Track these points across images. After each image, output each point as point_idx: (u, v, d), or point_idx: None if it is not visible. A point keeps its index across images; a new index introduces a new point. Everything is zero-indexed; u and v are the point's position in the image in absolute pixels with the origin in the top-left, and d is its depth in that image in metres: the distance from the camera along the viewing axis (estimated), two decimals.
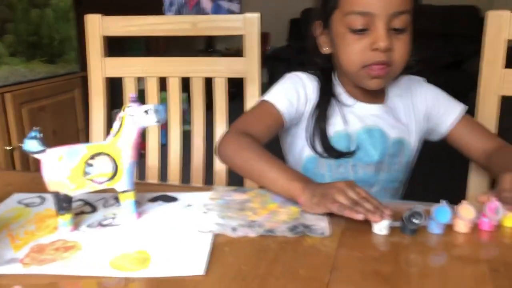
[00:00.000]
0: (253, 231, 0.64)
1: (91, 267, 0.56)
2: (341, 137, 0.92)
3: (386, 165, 0.94)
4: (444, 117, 0.94)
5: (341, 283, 0.53)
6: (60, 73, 2.25)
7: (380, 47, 0.81)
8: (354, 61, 0.85)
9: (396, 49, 0.83)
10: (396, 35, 0.83)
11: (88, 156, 0.63)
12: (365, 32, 0.82)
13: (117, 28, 1.16)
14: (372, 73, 0.85)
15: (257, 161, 0.78)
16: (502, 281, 0.53)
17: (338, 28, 0.86)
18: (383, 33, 0.80)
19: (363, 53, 0.84)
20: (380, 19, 0.80)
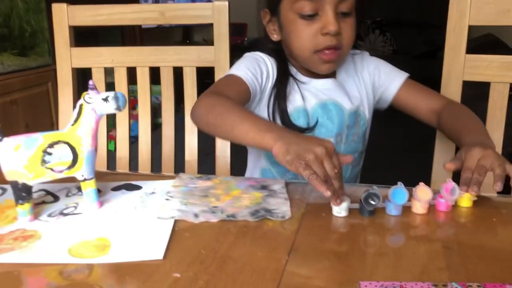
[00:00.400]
0: (215, 216, 0.65)
1: (49, 255, 0.56)
2: (300, 113, 0.94)
3: (345, 137, 0.97)
4: (388, 84, 0.99)
5: (298, 264, 0.54)
6: (32, 66, 2.22)
7: (331, 31, 0.84)
8: (306, 46, 0.88)
9: (344, 32, 0.87)
10: (343, 18, 0.86)
11: (45, 145, 0.63)
12: (315, 17, 0.85)
13: (84, 18, 1.14)
14: (324, 57, 0.88)
15: (229, 115, 0.76)
16: (455, 258, 0.55)
17: (288, 15, 0.88)
18: (332, 18, 0.84)
19: (314, 38, 0.86)
20: (329, 4, 0.84)
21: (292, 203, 0.70)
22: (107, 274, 0.53)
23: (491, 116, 0.96)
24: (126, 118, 1.14)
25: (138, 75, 1.15)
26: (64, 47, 1.15)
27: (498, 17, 0.94)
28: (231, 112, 0.76)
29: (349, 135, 0.98)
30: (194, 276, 0.51)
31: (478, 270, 0.52)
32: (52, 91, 2.24)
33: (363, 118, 1.00)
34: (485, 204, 0.70)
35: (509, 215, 0.67)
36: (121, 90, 1.14)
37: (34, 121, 2.14)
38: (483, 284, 0.48)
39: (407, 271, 0.52)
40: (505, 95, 0.95)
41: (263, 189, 0.75)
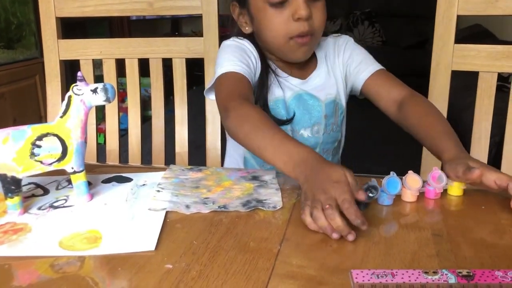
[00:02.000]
0: (207, 207, 0.65)
1: (40, 248, 0.56)
2: (279, 103, 0.94)
3: (323, 127, 0.97)
4: (358, 73, 0.97)
5: (289, 253, 0.54)
6: (19, 58, 2.19)
7: (302, 16, 0.83)
8: (279, 34, 0.87)
9: (315, 17, 0.87)
10: (313, 3, 0.86)
11: (33, 138, 0.62)
12: (284, 4, 0.85)
13: (71, 9, 1.13)
14: (299, 41, 0.87)
15: (255, 136, 0.74)
16: (444, 244, 0.56)
17: (257, 4, 0.88)
18: (302, 2, 0.83)
19: (286, 24, 0.86)
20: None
21: (283, 193, 0.70)
22: (98, 266, 0.53)
23: (479, 105, 0.97)
24: (116, 110, 1.14)
25: (127, 67, 1.14)
26: (52, 39, 1.14)
27: (486, 7, 0.94)
28: (256, 134, 0.74)
29: (328, 125, 0.97)
30: (186, 267, 0.51)
31: (468, 257, 0.53)
32: (40, 84, 2.21)
33: (341, 107, 0.99)
34: (474, 192, 0.71)
35: (497, 203, 0.68)
36: (109, 82, 1.14)
37: (22, 115, 2.12)
38: (472, 271, 0.49)
39: (397, 258, 0.53)
40: (493, 84, 0.96)
41: (254, 179, 0.75)
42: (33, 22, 2.26)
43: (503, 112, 0.96)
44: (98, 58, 1.14)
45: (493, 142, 1.19)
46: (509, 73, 0.95)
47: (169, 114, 1.12)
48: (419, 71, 1.93)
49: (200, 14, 1.09)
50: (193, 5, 1.10)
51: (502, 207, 0.66)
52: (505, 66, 0.95)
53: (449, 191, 0.69)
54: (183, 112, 1.12)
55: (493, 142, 1.12)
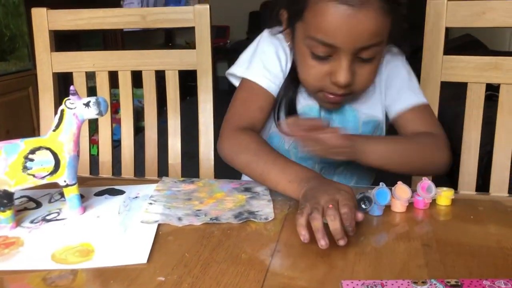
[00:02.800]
0: (199, 219, 0.65)
1: (32, 262, 0.56)
2: (311, 110, 0.86)
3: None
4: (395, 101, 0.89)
5: (281, 265, 0.55)
6: (12, 70, 2.19)
7: (340, 83, 0.74)
8: (312, 84, 0.80)
9: (358, 78, 0.76)
10: (362, 63, 0.75)
11: (26, 151, 0.63)
12: (328, 58, 0.75)
13: (65, 22, 1.13)
14: (329, 98, 0.80)
15: (256, 164, 0.73)
16: (433, 255, 0.56)
17: (299, 41, 0.78)
18: (345, 69, 0.73)
19: (322, 79, 0.77)
20: (345, 53, 0.72)
21: (275, 205, 0.71)
22: (91, 279, 0.53)
23: (468, 116, 0.99)
24: (109, 122, 1.14)
25: (120, 79, 1.14)
26: (45, 52, 1.14)
27: (474, 19, 0.96)
28: (258, 161, 0.73)
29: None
30: (179, 280, 0.51)
31: (456, 267, 0.54)
32: (33, 96, 2.21)
33: (381, 129, 0.91)
34: (462, 202, 0.72)
35: (486, 213, 0.69)
36: (103, 94, 1.14)
37: (15, 127, 2.11)
38: (461, 280, 0.50)
39: (387, 269, 0.53)
40: (481, 95, 0.97)
41: (247, 191, 0.76)
42: (26, 34, 2.26)
43: (493, 121, 0.97)
44: (91, 71, 1.14)
45: (484, 151, 1.20)
46: (499, 83, 0.96)
47: (163, 125, 1.13)
48: None
49: (193, 26, 1.10)
50: (185, 17, 1.11)
51: (490, 217, 0.67)
52: (493, 77, 0.96)
53: (437, 201, 0.70)
54: (176, 124, 1.12)
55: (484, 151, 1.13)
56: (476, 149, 0.98)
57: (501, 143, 0.96)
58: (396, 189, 0.67)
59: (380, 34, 0.72)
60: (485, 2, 0.94)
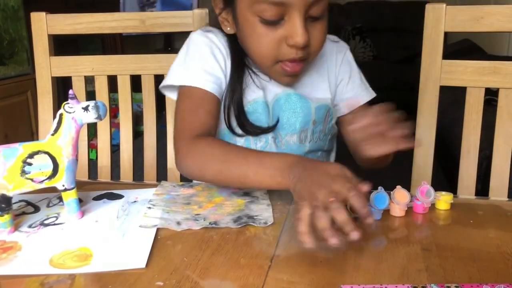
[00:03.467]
0: (198, 224, 0.65)
1: (30, 266, 0.55)
2: (258, 106, 0.83)
3: (310, 134, 0.86)
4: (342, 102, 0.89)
5: (280, 269, 0.54)
6: (10, 75, 2.19)
7: (298, 44, 0.71)
8: (266, 55, 0.75)
9: (313, 39, 0.73)
10: (313, 23, 0.73)
11: (24, 155, 0.62)
12: (279, 22, 0.72)
13: (63, 26, 1.14)
14: (287, 69, 0.76)
15: (229, 170, 0.68)
16: (433, 259, 0.56)
17: (246, 14, 0.74)
18: (301, 27, 0.70)
19: (277, 47, 0.73)
20: (297, 10, 0.69)
21: (274, 209, 0.70)
22: (89, 284, 0.53)
23: (467, 120, 0.99)
24: (108, 126, 1.14)
25: (119, 83, 1.14)
26: (44, 56, 1.14)
27: (473, 24, 0.96)
28: (230, 166, 0.68)
29: (315, 132, 0.87)
30: (177, 284, 0.51)
31: (456, 271, 0.53)
32: (32, 100, 2.21)
33: (331, 114, 0.89)
34: (462, 206, 0.71)
35: (485, 217, 0.69)
36: (102, 99, 1.14)
37: (14, 131, 2.11)
38: (461, 285, 0.50)
39: (387, 273, 0.53)
40: (481, 99, 0.97)
41: (246, 195, 0.76)
42: (25, 38, 2.27)
43: (492, 125, 0.97)
44: (90, 75, 1.14)
45: (484, 156, 1.20)
46: (498, 87, 0.97)
47: (162, 130, 1.12)
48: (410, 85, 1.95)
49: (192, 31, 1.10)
50: (184, 22, 1.11)
51: (490, 222, 0.67)
52: (491, 82, 0.96)
53: (436, 205, 0.70)
54: None
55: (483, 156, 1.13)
56: (476, 153, 0.98)
57: (500, 147, 0.96)
58: (395, 193, 0.67)
59: None
60: (483, 7, 0.95)
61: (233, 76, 0.82)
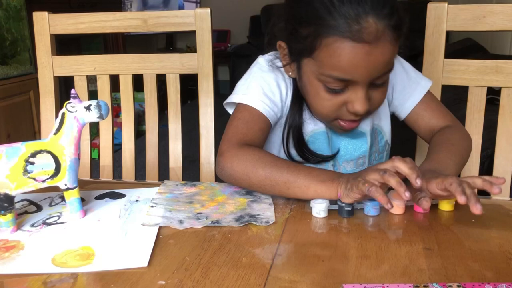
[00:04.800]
0: (200, 222, 0.65)
1: (33, 265, 0.56)
2: (320, 136, 0.86)
3: (367, 159, 0.90)
4: (403, 102, 0.91)
5: (282, 268, 0.54)
6: (13, 74, 2.19)
7: (358, 112, 0.74)
8: (327, 115, 0.79)
9: (373, 101, 0.76)
10: (376, 88, 0.76)
11: (27, 155, 0.63)
12: (343, 90, 0.74)
13: (66, 26, 1.14)
14: (344, 125, 0.79)
15: (278, 175, 0.71)
16: (435, 258, 0.56)
17: (310, 77, 0.76)
18: (362, 98, 0.73)
19: (337, 110, 0.77)
20: (361, 84, 0.72)
21: (276, 208, 0.71)
22: (91, 283, 0.53)
23: (469, 119, 0.99)
24: (110, 126, 1.14)
25: (121, 83, 1.14)
26: (46, 56, 1.14)
27: (475, 23, 0.96)
28: (279, 171, 0.71)
29: (371, 154, 0.90)
30: (179, 283, 0.51)
31: (458, 270, 0.53)
32: (34, 100, 2.22)
33: (380, 132, 0.91)
34: (463, 205, 0.71)
35: (488, 216, 0.69)
36: (104, 98, 1.15)
37: (16, 131, 2.12)
38: (463, 284, 0.50)
39: (388, 272, 0.53)
40: (483, 98, 0.97)
41: (248, 194, 0.76)
42: (27, 38, 2.27)
43: (494, 125, 0.97)
44: (92, 75, 1.15)
45: (485, 155, 1.20)
46: (500, 87, 0.96)
47: (164, 129, 1.13)
48: None
49: (194, 30, 1.10)
50: (186, 21, 1.11)
51: (492, 221, 0.67)
52: (493, 81, 0.96)
53: (439, 206, 0.70)
54: (177, 127, 1.12)
55: (485, 155, 1.13)
56: (478, 153, 0.98)
57: (502, 146, 0.96)
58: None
59: (392, 61, 0.73)
60: (485, 6, 0.95)
61: (293, 108, 0.85)
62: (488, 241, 0.61)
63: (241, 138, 0.78)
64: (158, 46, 4.45)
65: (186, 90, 1.20)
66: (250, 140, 0.78)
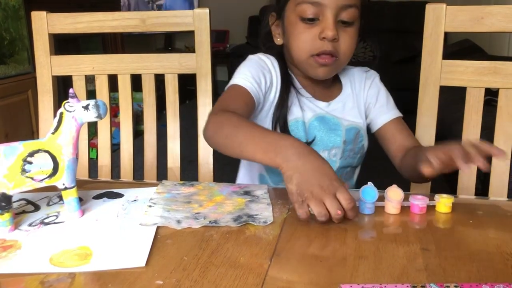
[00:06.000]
0: (198, 222, 0.65)
1: (30, 265, 0.55)
2: (298, 125, 0.94)
3: (341, 152, 0.97)
4: (381, 114, 1.00)
5: (280, 268, 0.54)
6: (11, 74, 2.19)
7: (328, 36, 0.85)
8: (304, 49, 0.90)
9: (342, 41, 0.88)
10: (344, 27, 0.88)
11: (25, 154, 0.62)
12: (315, 22, 0.87)
13: (64, 25, 1.14)
14: (319, 61, 0.89)
15: (235, 135, 0.75)
16: (433, 259, 0.56)
17: (290, 17, 0.90)
18: (331, 23, 0.85)
19: (312, 42, 0.88)
20: (329, 10, 0.85)
21: (274, 208, 0.71)
22: (89, 283, 0.53)
23: (467, 120, 0.99)
24: (108, 125, 1.14)
25: (119, 83, 1.14)
26: (44, 55, 1.14)
27: (473, 24, 0.96)
28: (237, 132, 0.75)
29: (346, 150, 0.98)
30: (177, 283, 0.51)
31: (455, 271, 0.54)
32: (32, 99, 2.21)
33: (361, 136, 1.00)
34: (461, 206, 0.71)
35: (485, 217, 0.69)
36: (102, 98, 1.14)
37: (14, 130, 2.11)
38: (460, 285, 0.50)
39: (386, 273, 0.53)
40: (480, 99, 0.97)
41: (246, 194, 0.76)
42: (26, 37, 2.27)
43: (492, 126, 0.97)
44: (91, 74, 1.15)
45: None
46: (498, 88, 0.97)
47: (162, 129, 1.13)
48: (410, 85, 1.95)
49: (192, 30, 1.10)
50: (185, 21, 1.11)
51: (490, 222, 0.67)
52: (491, 82, 0.96)
53: (436, 207, 0.70)
54: (175, 127, 1.12)
55: None
56: None
57: (500, 147, 0.96)
58: (388, 191, 0.68)
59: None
60: (484, 7, 0.95)
61: (282, 95, 0.95)
62: (486, 242, 0.61)
63: (225, 106, 0.86)
64: (157, 46, 4.44)
65: (185, 90, 1.20)
66: (233, 110, 0.83)
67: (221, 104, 0.88)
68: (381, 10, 4.33)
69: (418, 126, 1.01)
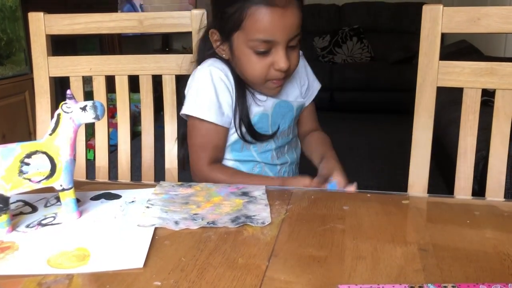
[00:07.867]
0: (195, 223, 0.65)
1: (28, 267, 0.55)
2: (263, 118, 1.02)
3: (292, 128, 1.09)
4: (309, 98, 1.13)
5: (278, 269, 0.54)
6: (8, 75, 2.18)
7: (282, 69, 0.92)
8: (259, 76, 0.95)
9: (291, 62, 0.95)
10: (291, 50, 0.94)
11: (22, 155, 0.62)
12: (268, 53, 0.92)
13: (61, 26, 1.13)
14: (274, 84, 0.97)
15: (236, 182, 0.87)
16: (430, 259, 0.56)
17: (241, 47, 0.94)
18: (283, 56, 0.91)
19: (266, 70, 0.94)
20: (281, 44, 0.91)
21: (272, 209, 0.71)
22: (87, 284, 0.53)
23: (464, 121, 0.99)
24: (105, 126, 1.14)
25: (116, 84, 1.14)
26: (41, 56, 1.14)
27: (470, 25, 0.96)
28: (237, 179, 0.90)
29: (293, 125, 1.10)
30: (175, 284, 0.51)
31: (453, 271, 0.54)
32: (30, 100, 2.21)
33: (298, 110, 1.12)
34: (458, 207, 0.72)
35: (482, 217, 0.69)
36: (99, 99, 1.14)
37: (11, 131, 2.11)
38: (458, 285, 0.50)
39: (384, 273, 0.53)
40: (477, 100, 0.98)
41: (244, 195, 0.76)
42: (23, 38, 2.26)
43: (489, 126, 0.97)
44: (88, 75, 1.14)
45: (480, 157, 1.20)
46: (495, 88, 0.97)
47: (160, 130, 1.12)
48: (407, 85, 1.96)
49: (190, 31, 1.10)
50: (182, 22, 1.11)
51: (486, 222, 0.67)
52: (488, 82, 0.97)
53: None
54: (173, 128, 1.12)
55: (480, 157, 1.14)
56: (472, 154, 0.98)
57: (497, 148, 0.97)
58: None
59: (300, 25, 0.93)
60: (480, 8, 0.95)
61: (239, 99, 1.00)
62: (483, 242, 0.61)
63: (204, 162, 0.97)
64: (154, 47, 4.44)
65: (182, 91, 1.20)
66: (212, 160, 0.97)
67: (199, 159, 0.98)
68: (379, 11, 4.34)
69: (415, 127, 1.01)
